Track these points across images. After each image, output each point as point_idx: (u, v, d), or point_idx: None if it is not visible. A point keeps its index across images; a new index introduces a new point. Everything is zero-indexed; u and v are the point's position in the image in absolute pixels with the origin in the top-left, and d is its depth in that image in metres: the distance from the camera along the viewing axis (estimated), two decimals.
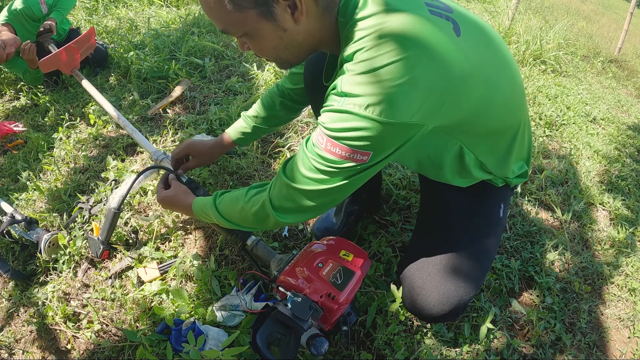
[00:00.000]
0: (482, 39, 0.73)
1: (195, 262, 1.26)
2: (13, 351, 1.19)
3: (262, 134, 1.21)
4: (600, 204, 1.78)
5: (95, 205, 1.53)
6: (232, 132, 1.20)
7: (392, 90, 0.61)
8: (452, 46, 0.65)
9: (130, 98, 2.15)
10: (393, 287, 1.09)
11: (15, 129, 2.10)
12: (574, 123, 2.37)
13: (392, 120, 0.62)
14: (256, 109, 1.18)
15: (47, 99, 2.32)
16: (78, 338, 1.18)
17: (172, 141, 1.80)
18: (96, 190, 1.60)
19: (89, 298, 1.25)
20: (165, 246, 1.39)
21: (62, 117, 2.12)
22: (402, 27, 0.62)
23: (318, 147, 0.68)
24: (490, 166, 0.87)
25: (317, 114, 1.06)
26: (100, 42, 2.50)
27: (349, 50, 0.65)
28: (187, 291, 1.20)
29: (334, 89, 0.67)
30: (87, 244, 1.36)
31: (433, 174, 0.93)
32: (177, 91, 2.13)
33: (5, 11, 2.19)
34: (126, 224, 1.44)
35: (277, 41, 0.72)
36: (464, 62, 0.65)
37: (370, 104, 0.61)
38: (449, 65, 0.64)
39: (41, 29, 2.17)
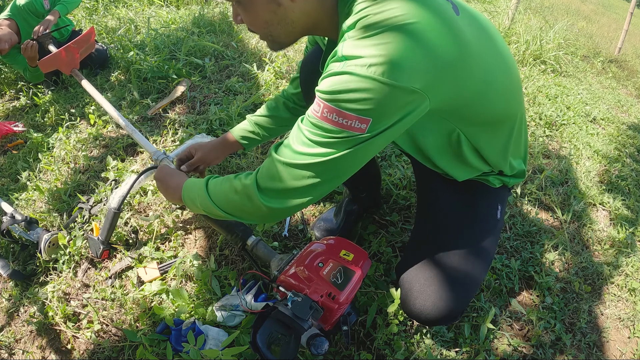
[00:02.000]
0: (479, 25, 0.74)
1: (195, 262, 1.25)
2: (13, 351, 1.19)
3: (266, 136, 1.19)
4: (600, 204, 1.78)
5: (95, 205, 1.53)
6: (236, 131, 1.19)
7: (396, 52, 0.60)
8: (452, 22, 0.66)
9: (130, 98, 2.15)
10: (392, 289, 1.09)
11: (15, 129, 2.10)
12: (574, 123, 2.37)
13: (395, 83, 0.60)
14: (260, 111, 1.19)
15: (47, 99, 2.32)
16: (78, 338, 1.18)
17: (172, 141, 1.80)
18: (96, 190, 1.60)
19: (89, 298, 1.25)
20: (165, 246, 1.39)
21: (62, 117, 2.12)
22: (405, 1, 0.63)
23: (313, 117, 0.65)
24: (488, 156, 0.86)
25: None
26: (100, 44, 2.50)
27: (349, 21, 0.65)
28: (187, 291, 1.20)
29: (333, 56, 0.65)
30: (87, 244, 1.36)
31: (430, 162, 0.90)
32: (178, 91, 2.13)
33: (9, 7, 2.23)
34: (126, 224, 1.44)
35: (270, 15, 0.71)
36: (462, 38, 0.66)
37: (373, 63, 0.59)
38: (449, 38, 0.64)
39: (41, 28, 2.17)
